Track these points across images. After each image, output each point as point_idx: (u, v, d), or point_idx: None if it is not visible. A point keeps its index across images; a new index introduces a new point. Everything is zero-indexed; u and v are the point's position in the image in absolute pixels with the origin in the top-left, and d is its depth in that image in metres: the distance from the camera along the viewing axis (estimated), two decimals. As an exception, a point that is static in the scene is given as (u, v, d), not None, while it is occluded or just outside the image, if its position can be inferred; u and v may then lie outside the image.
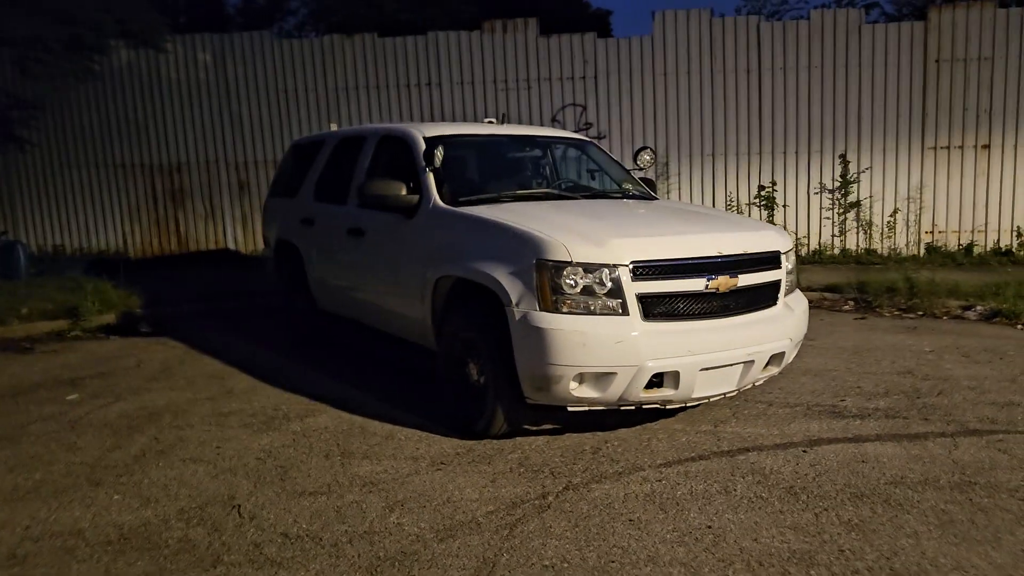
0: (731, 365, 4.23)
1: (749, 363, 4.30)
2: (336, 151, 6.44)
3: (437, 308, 4.85)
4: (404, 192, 5.01)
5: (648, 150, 5.73)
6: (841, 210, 10.78)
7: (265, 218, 7.64)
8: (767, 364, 4.46)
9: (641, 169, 5.77)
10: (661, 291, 4.08)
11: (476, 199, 4.94)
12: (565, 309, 3.99)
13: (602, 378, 4.00)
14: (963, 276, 9.19)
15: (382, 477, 4.00)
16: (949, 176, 10.56)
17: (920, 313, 8.03)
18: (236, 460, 4.27)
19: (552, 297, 3.99)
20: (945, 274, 9.03)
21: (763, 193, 10.90)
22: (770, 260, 4.52)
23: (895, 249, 10.71)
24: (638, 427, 4.66)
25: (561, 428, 4.66)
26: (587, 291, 4.00)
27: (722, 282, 4.21)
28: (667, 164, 10.88)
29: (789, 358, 4.64)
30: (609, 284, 3.99)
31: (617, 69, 11.12)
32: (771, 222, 10.90)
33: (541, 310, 4.00)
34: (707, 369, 4.13)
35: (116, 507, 3.70)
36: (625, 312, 4.01)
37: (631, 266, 4.01)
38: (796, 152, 10.85)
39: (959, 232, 10.68)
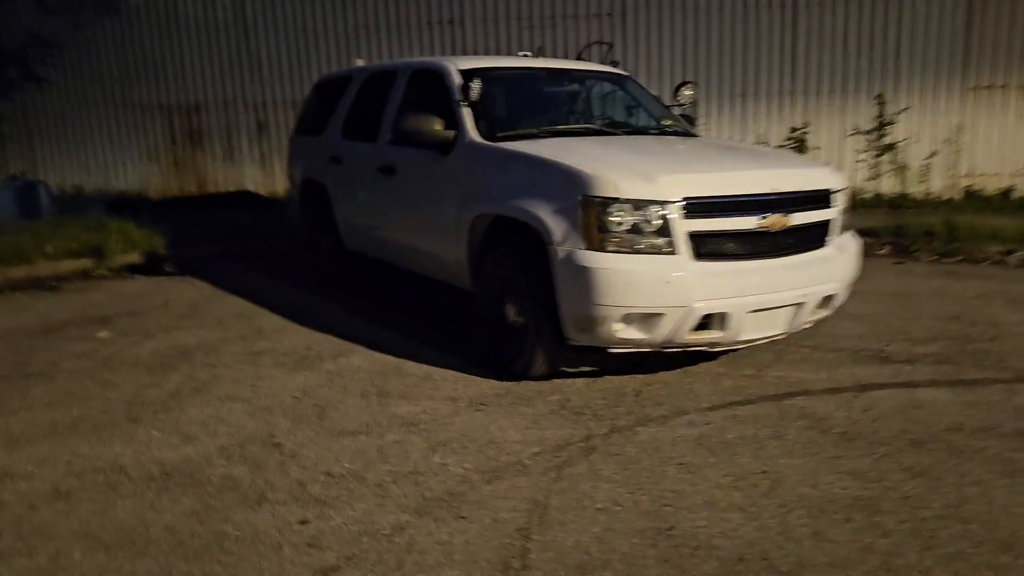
0: (780, 307, 4.09)
1: (799, 305, 4.15)
2: (365, 87, 6.24)
3: (474, 247, 4.71)
4: (439, 127, 4.83)
5: (690, 85, 5.51)
6: (876, 153, 10.48)
7: (290, 156, 7.47)
8: (818, 306, 4.32)
9: (682, 105, 5.55)
10: (712, 230, 3.92)
11: (514, 134, 4.75)
12: (612, 248, 3.84)
13: (649, 319, 3.87)
14: (1002, 221, 8.93)
15: (422, 418, 3.92)
16: (991, 117, 10.22)
17: (960, 258, 7.82)
18: (272, 399, 4.20)
19: (599, 235, 3.84)
20: (984, 219, 8.78)
21: (795, 135, 10.60)
22: (822, 199, 4.34)
23: (931, 193, 10.43)
24: (679, 370, 4.55)
25: (599, 370, 4.55)
26: (635, 229, 3.84)
27: (774, 221, 4.04)
28: (695, 104, 10.55)
29: (839, 300, 4.49)
30: (659, 222, 3.84)
31: (646, 5, 10.74)
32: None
33: (587, 249, 3.86)
34: (756, 311, 4.00)
35: (156, 444, 3.65)
36: (674, 251, 3.86)
37: (682, 203, 3.85)
38: (830, 92, 10.51)
39: (999, 176, 10.38)
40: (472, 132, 4.76)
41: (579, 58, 11.03)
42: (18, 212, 10.02)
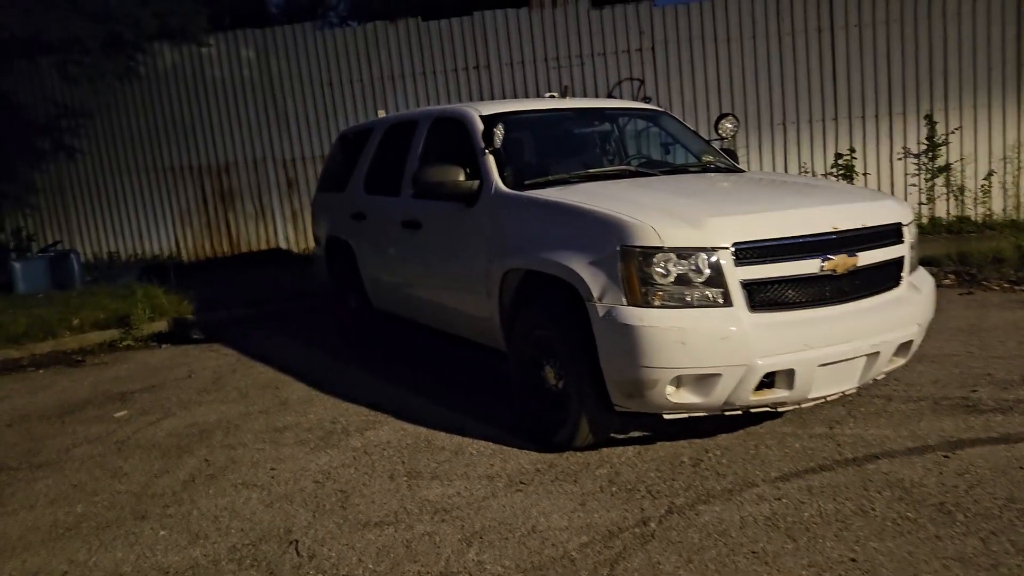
0: (853, 359, 3.63)
1: (873, 355, 3.68)
2: (385, 139, 5.96)
3: (505, 304, 4.34)
4: (462, 178, 4.50)
5: (730, 117, 5.11)
6: (929, 175, 9.92)
7: (314, 215, 7.22)
8: (894, 354, 3.85)
9: (723, 139, 5.15)
10: (768, 276, 3.49)
11: (543, 181, 4.39)
12: (657, 302, 3.44)
13: (704, 381, 3.43)
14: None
15: (455, 502, 3.51)
16: (1050, 132, 9.65)
17: (1034, 285, 7.23)
18: (292, 484, 3.83)
19: (641, 289, 3.44)
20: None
21: (841, 161, 10.10)
22: (891, 234, 3.89)
23: (991, 215, 9.82)
24: (740, 432, 4.09)
25: (651, 436, 4.11)
26: (682, 280, 3.43)
27: (839, 262, 3.59)
28: (734, 136, 10.14)
29: (916, 346, 4.00)
30: (708, 271, 3.42)
31: (676, 38, 10.42)
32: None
33: (629, 304, 3.46)
34: (826, 365, 3.54)
35: (162, 545, 3.29)
36: (728, 303, 3.43)
37: (733, 249, 3.43)
38: (876, 115, 10.02)
39: (1063, 193, 9.77)
40: (497, 181, 4.41)
41: (610, 95, 10.75)
42: (51, 283, 9.97)
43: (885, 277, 3.85)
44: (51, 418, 5.24)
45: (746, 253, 3.46)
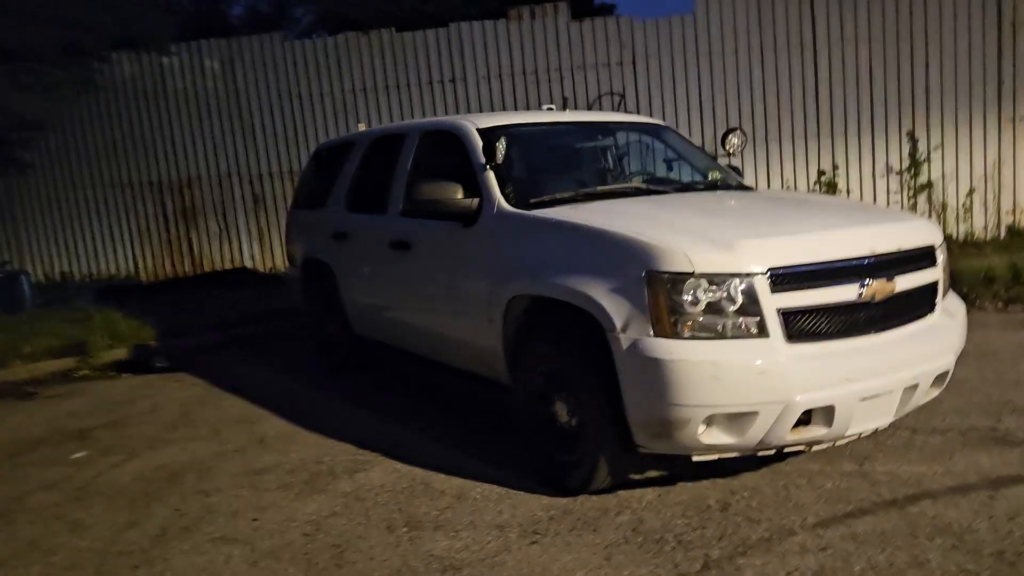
0: (891, 392, 3.36)
1: (912, 387, 3.42)
2: (369, 153, 5.60)
3: (509, 333, 3.99)
4: (460, 195, 4.16)
5: (738, 131, 4.85)
6: (911, 193, 9.84)
7: (289, 233, 6.81)
8: (930, 386, 3.59)
9: (730, 155, 4.89)
10: (806, 305, 3.21)
11: (549, 199, 4.07)
12: (687, 333, 3.13)
13: (739, 419, 3.13)
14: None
15: (463, 557, 3.15)
16: (1031, 150, 9.63)
17: (1029, 304, 7.10)
18: (278, 537, 3.43)
19: (670, 318, 3.13)
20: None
21: (823, 178, 9.98)
22: (925, 257, 3.64)
23: (973, 233, 9.76)
24: (765, 470, 3.79)
25: (670, 475, 3.79)
26: (714, 309, 3.14)
27: (878, 288, 3.33)
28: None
29: (950, 376, 3.75)
30: (742, 299, 3.13)
31: (657, 52, 10.22)
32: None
33: (657, 335, 3.14)
34: (865, 399, 3.26)
35: (131, 617, 2.87)
36: (764, 333, 3.14)
37: (768, 274, 3.14)
38: (859, 132, 9.92)
39: (1043, 211, 9.74)
40: (499, 199, 4.08)
41: (589, 110, 10.51)
42: (-1, 305, 9.36)
43: (920, 303, 3.60)
44: (0, 460, 4.75)
45: (783, 279, 3.17)
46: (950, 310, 3.78)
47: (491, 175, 4.18)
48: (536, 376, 3.80)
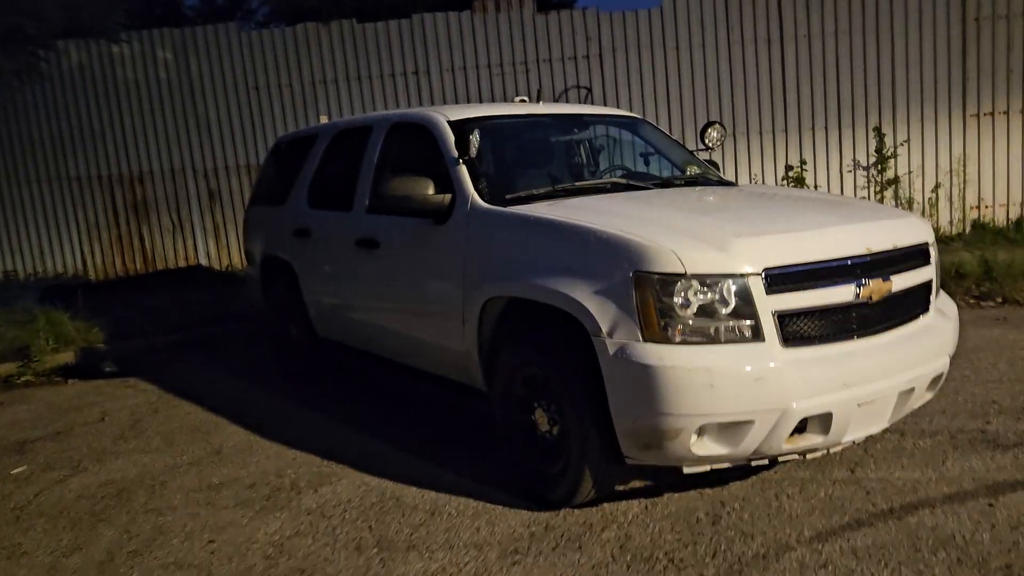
0: (887, 397, 3.21)
1: (908, 392, 3.28)
2: (333, 147, 5.32)
3: (485, 336, 3.77)
4: (431, 191, 3.92)
5: (717, 125, 4.68)
6: (878, 188, 9.83)
7: (247, 230, 6.49)
8: (927, 389, 3.46)
9: (709, 149, 4.72)
10: (802, 306, 3.04)
11: (527, 195, 3.85)
12: (678, 338, 2.94)
13: (734, 429, 2.95)
14: (1027, 255, 8.27)
15: (441, 580, 2.92)
16: (995, 145, 9.64)
17: (1000, 300, 7.08)
18: (238, 562, 3.16)
19: (660, 322, 2.94)
20: (1009, 253, 8.09)
21: (791, 173, 9.92)
22: (920, 254, 3.51)
23: (939, 228, 9.78)
24: (754, 479, 3.62)
25: (656, 485, 3.60)
26: (706, 312, 2.95)
27: (875, 288, 3.18)
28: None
29: (944, 379, 3.62)
30: (736, 301, 2.95)
31: (624, 46, 10.06)
32: (800, 206, 9.91)
33: (646, 340, 2.95)
34: (862, 405, 3.11)
35: (73, 657, 2.59)
36: (759, 337, 2.96)
37: (764, 275, 2.96)
38: (825, 127, 9.87)
39: (1007, 205, 9.77)
40: (473, 195, 3.85)
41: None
42: (-64, 306, 8.83)
43: (915, 303, 3.47)
44: (-68, 477, 4.39)
45: (778, 279, 2.99)
46: (943, 310, 3.66)
47: (464, 169, 3.95)
48: (515, 382, 3.58)
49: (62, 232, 11.09)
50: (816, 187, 9.95)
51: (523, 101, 4.95)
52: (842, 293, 3.11)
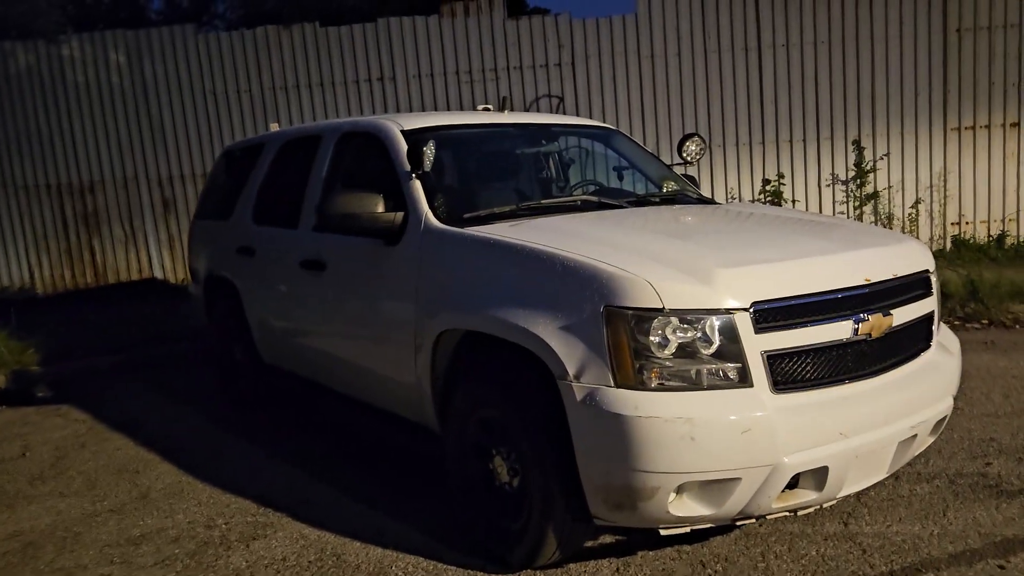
0: (888, 446, 2.86)
1: (910, 439, 2.93)
2: (280, 157, 4.90)
3: (439, 371, 3.37)
4: (381, 209, 3.52)
5: (696, 138, 4.33)
6: (857, 203, 9.57)
7: (191, 245, 6.04)
8: (929, 434, 3.12)
9: (687, 163, 4.36)
10: (794, 346, 2.68)
11: (486, 215, 3.47)
12: (655, 382, 2.57)
13: (718, 487, 2.57)
14: (1011, 273, 8.02)
15: (381, 664, 2.50)
16: (975, 159, 9.42)
17: (986, 322, 6.80)
18: (147, 639, 2.72)
19: (634, 364, 2.56)
20: (992, 272, 7.84)
21: (768, 187, 9.63)
22: (921, 284, 3.16)
23: (918, 244, 9.52)
24: (737, 533, 3.25)
25: (627, 541, 3.22)
26: (687, 352, 2.58)
27: (874, 323, 2.83)
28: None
29: (947, 421, 3.28)
30: (719, 339, 2.58)
31: (597, 53, 9.73)
32: (778, 220, 9.62)
33: (618, 385, 2.57)
34: (860, 456, 2.75)
35: None
36: (747, 381, 2.60)
37: (752, 310, 2.60)
38: (804, 140, 9.60)
39: (988, 222, 9.55)
40: (427, 214, 3.45)
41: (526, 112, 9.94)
42: None
43: (916, 338, 3.12)
44: None
45: (768, 315, 2.63)
46: (945, 344, 3.32)
47: (418, 185, 3.55)
48: (471, 425, 3.18)
49: (8, 244, 10.52)
50: (794, 202, 9.67)
51: (487, 109, 4.56)
52: (839, 330, 2.75)
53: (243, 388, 5.25)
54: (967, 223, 9.62)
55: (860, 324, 2.78)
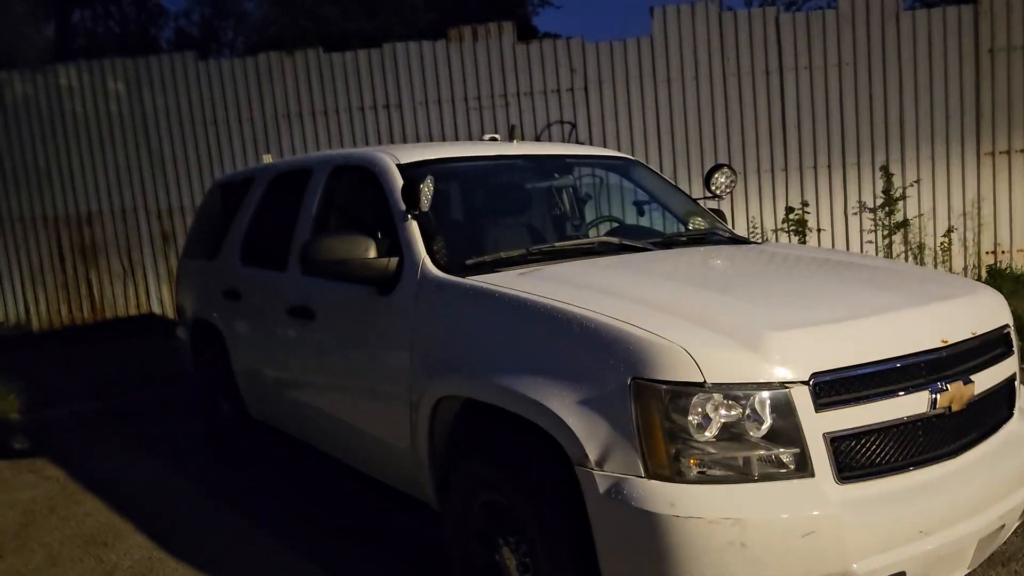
0: (971, 540, 2.38)
1: (998, 530, 2.45)
2: (269, 193, 4.50)
3: (439, 443, 2.93)
4: (373, 253, 3.09)
5: (726, 169, 3.89)
6: (886, 232, 9.09)
7: (178, 286, 5.65)
8: (1018, 521, 2.63)
9: (717, 198, 3.92)
10: (863, 424, 2.22)
11: (492, 260, 3.03)
12: (695, 472, 2.12)
13: (772, 601, 2.10)
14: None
15: None
16: (1012, 185, 8.92)
17: (1035, 362, 6.27)
18: None
19: (669, 449, 2.12)
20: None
21: (792, 216, 9.17)
22: (1002, 341, 2.70)
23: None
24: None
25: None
26: (733, 435, 2.14)
27: (955, 393, 2.37)
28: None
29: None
30: (772, 419, 2.13)
31: (611, 78, 9.34)
32: (803, 250, 9.14)
33: (650, 475, 2.13)
34: (942, 555, 2.28)
35: None
36: (806, 470, 2.14)
37: (812, 383, 2.15)
38: (829, 166, 9.14)
39: (1027, 250, 9.06)
40: (425, 260, 3.03)
41: (538, 140, 9.55)
42: None
43: (997, 408, 2.66)
44: None
45: (831, 388, 2.19)
46: (1026, 410, 2.84)
47: (414, 227, 3.13)
48: (475, 509, 2.73)
49: (3, 278, 10.18)
50: (819, 231, 9.19)
51: (494, 139, 4.15)
52: (914, 403, 2.30)
53: (230, 444, 4.81)
54: (1003, 252, 9.10)
55: (939, 395, 2.33)
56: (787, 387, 2.13)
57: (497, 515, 2.64)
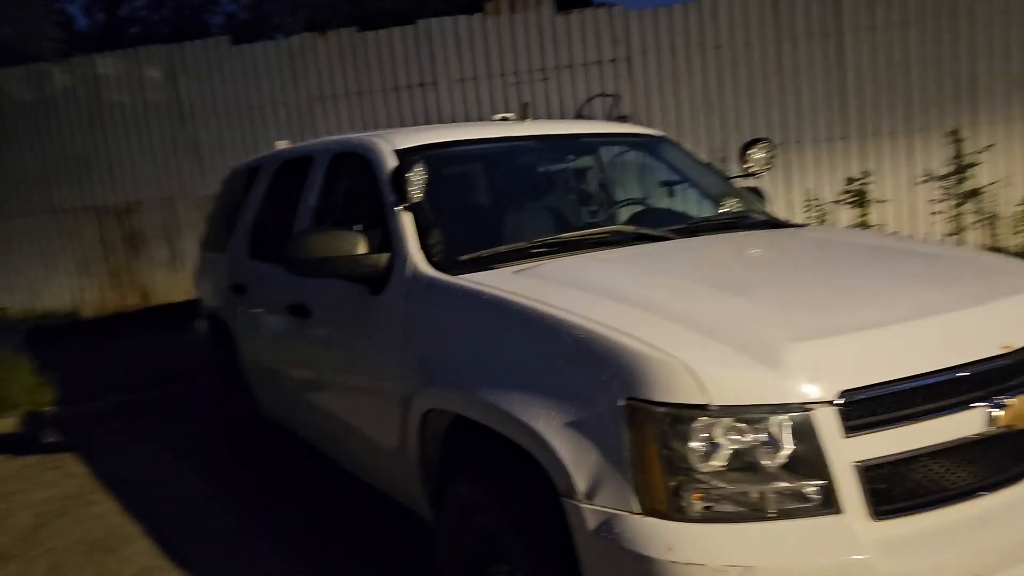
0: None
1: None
2: (276, 182, 4.29)
3: (429, 453, 2.67)
4: (362, 249, 2.83)
5: (765, 143, 3.49)
6: (956, 202, 8.45)
7: (196, 279, 5.51)
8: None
9: (753, 175, 3.52)
10: (902, 451, 1.87)
11: (488, 256, 2.73)
12: (698, 507, 1.81)
13: (794, 662, 1.78)
14: None
15: None
16: (1096, 149, 8.23)
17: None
18: None
19: (669, 482, 1.81)
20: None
21: (853, 187, 8.60)
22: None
23: (1029, 246, 8.37)
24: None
25: None
26: (745, 464, 1.81)
27: (1019, 409, 1.98)
28: (724, 160, 8.57)
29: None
30: (792, 446, 1.80)
31: (656, 47, 8.87)
32: (864, 224, 8.59)
33: (645, 512, 1.83)
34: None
35: None
36: (833, 506, 1.81)
37: (841, 403, 1.80)
38: (891, 133, 8.53)
39: (1112, 219, 8.33)
40: (415, 257, 2.75)
41: (579, 116, 9.16)
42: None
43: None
44: None
45: (864, 408, 1.83)
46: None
47: (406, 219, 2.85)
48: (466, 531, 2.46)
49: (53, 267, 10.32)
50: (886, 201, 8.59)
51: (504, 119, 3.82)
52: (967, 422, 1.94)
53: (245, 441, 4.65)
54: (1087, 220, 8.39)
55: (997, 411, 1.95)
56: (810, 408, 1.79)
57: (487, 540, 2.37)
